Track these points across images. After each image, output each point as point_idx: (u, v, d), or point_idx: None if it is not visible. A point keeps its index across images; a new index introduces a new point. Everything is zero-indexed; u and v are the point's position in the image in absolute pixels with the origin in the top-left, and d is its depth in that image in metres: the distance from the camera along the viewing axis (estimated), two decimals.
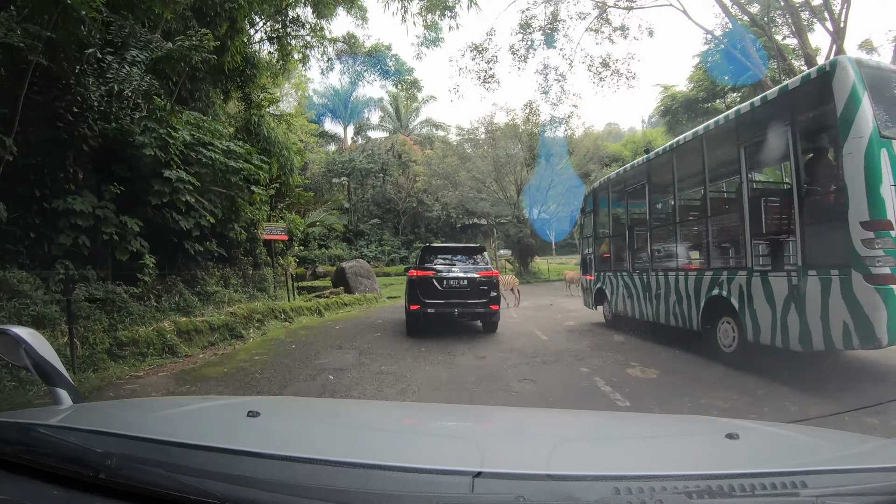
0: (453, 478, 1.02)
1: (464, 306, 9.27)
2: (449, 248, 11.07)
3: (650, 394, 5.48)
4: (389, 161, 40.33)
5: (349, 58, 22.26)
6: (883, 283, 4.74)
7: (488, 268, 9.72)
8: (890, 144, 4.90)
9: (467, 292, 9.32)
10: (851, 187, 4.97)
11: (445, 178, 33.02)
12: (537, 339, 9.13)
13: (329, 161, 42.15)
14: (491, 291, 9.41)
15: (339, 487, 0.99)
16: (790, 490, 0.99)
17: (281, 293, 14.59)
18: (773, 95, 6.15)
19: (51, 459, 1.13)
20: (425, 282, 9.30)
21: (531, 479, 1.02)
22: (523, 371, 6.59)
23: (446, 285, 9.31)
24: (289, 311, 12.93)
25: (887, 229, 4.76)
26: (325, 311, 15.05)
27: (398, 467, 1.07)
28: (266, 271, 13.88)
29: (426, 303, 9.19)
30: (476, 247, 10.83)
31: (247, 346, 9.23)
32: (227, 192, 10.78)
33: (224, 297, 11.26)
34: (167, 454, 1.14)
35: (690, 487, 0.97)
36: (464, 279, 9.37)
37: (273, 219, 14.88)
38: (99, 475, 1.05)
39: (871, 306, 4.80)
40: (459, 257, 9.99)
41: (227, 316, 10.43)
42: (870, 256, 4.81)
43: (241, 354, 8.35)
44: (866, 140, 4.89)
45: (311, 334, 10.31)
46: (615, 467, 1.22)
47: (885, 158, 4.84)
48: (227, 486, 1.01)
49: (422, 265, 9.66)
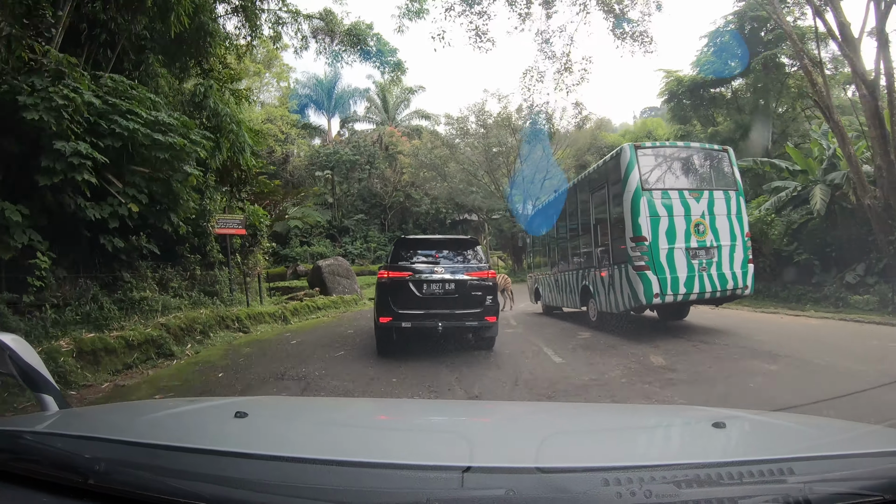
0: (443, 473, 1.04)
1: (450, 318, 7.09)
2: (431, 241, 8.82)
3: None
4: (376, 153, 38.16)
5: (326, 36, 20.17)
6: (641, 270, 8.25)
7: (483, 267, 7.52)
8: (650, 194, 8.43)
9: (455, 300, 7.15)
10: (625, 217, 8.53)
11: (434, 169, 30.88)
12: (549, 362, 7.02)
13: (312, 154, 39.96)
14: (486, 298, 7.22)
15: (329, 486, 0.99)
16: (777, 477, 1.01)
17: (239, 296, 12.42)
18: (600, 164, 10.36)
19: (39, 466, 1.12)
20: (399, 286, 7.13)
21: (521, 473, 1.04)
22: None
23: (427, 290, 7.15)
24: (244, 320, 10.81)
25: (642, 241, 8.27)
26: (292, 318, 12.95)
27: (388, 464, 1.09)
28: (219, 272, 11.70)
29: (400, 314, 7.00)
30: (467, 239, 8.48)
31: (169, 371, 7.13)
32: (157, 174, 8.62)
33: (157, 305, 9.11)
34: (156, 457, 1.14)
35: (679, 477, 0.98)
36: (450, 282, 7.21)
37: (231, 210, 12.68)
38: (88, 481, 1.04)
39: (636, 283, 8.30)
40: (445, 253, 7.74)
41: (156, 329, 8.30)
42: (634, 256, 8.34)
43: (145, 387, 6.24)
44: (632, 191, 8.41)
45: (257, 352, 8.20)
46: (604, 459, 1.26)
47: (644, 202, 8.34)
48: (217, 488, 1.00)
49: (395, 263, 7.43)
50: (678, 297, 8.48)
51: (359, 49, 20.22)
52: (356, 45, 20.10)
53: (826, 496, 0.97)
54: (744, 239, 8.84)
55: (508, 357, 7.35)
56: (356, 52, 20.29)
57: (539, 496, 0.95)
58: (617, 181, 8.84)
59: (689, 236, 8.48)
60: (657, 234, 8.29)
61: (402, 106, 44.88)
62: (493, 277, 7.53)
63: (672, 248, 8.38)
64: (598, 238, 9.92)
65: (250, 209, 13.26)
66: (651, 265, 8.22)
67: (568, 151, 31.45)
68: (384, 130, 40.92)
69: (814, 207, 13.59)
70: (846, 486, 1.01)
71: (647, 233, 8.22)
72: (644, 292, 8.20)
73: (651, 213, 8.31)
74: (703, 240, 8.56)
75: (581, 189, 11.07)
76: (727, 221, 8.75)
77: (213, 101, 10.15)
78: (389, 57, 20.70)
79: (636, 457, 1.32)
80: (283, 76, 42.24)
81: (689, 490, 0.95)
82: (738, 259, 8.73)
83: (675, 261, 8.35)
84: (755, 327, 9.48)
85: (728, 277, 8.61)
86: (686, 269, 8.38)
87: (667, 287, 8.25)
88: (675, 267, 8.33)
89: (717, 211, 8.72)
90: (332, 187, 38.09)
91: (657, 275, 8.21)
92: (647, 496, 0.93)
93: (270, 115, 36.40)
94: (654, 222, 8.30)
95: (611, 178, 9.20)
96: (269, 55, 37.99)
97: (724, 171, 9.30)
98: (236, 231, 11.80)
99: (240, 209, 13.05)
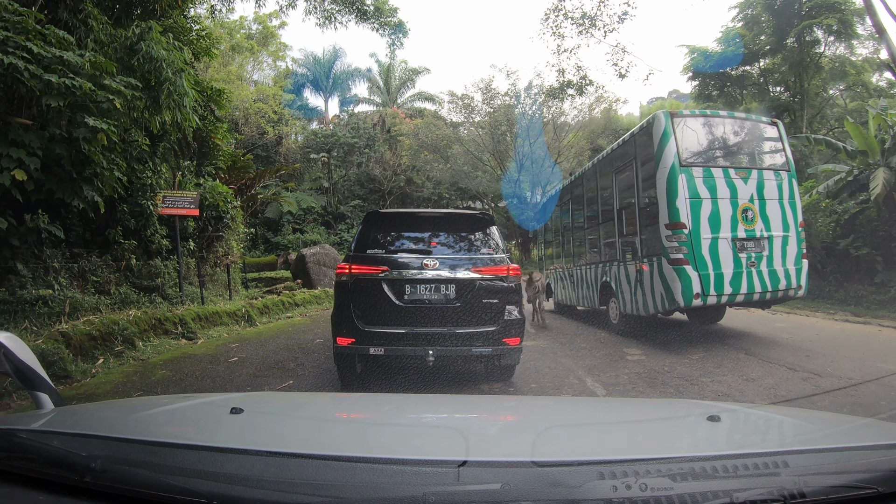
0: (439, 468, 1.02)
1: (448, 341, 4.64)
2: (420, 217, 5.84)
3: None
4: (376, 136, 35.78)
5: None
6: (679, 264, 6.81)
7: (500, 259, 4.93)
8: (689, 171, 6.99)
9: (456, 311, 4.68)
10: (660, 200, 7.08)
11: (436, 150, 28.48)
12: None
13: (308, 135, 37.68)
14: (506, 308, 4.76)
15: (325, 481, 0.99)
16: (772, 470, 1.01)
17: (192, 291, 10.19)
18: (627, 137, 8.52)
19: (35, 464, 1.11)
20: (368, 288, 4.70)
21: (516, 467, 1.04)
22: None
23: (412, 296, 4.71)
24: (190, 322, 8.58)
25: (681, 228, 6.83)
26: (259, 317, 10.73)
27: (384, 459, 1.07)
28: (162, 262, 9.42)
29: (368, 333, 4.59)
30: (475, 215, 5.58)
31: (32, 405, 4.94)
32: (53, 130, 6.37)
33: (61, 306, 6.92)
34: (152, 454, 1.12)
35: (674, 470, 0.98)
36: (449, 283, 4.72)
37: (184, 186, 10.40)
38: (84, 478, 1.03)
39: (672, 281, 6.85)
40: (442, 238, 5.15)
41: (49, 340, 6.13)
42: (670, 247, 6.88)
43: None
44: (668, 168, 6.98)
45: (173, 376, 5.91)
46: (600, 452, 1.26)
47: (683, 181, 6.91)
48: (213, 485, 0.99)
49: (362, 252, 4.92)
50: (722, 299, 7.00)
51: (355, 8, 17.90)
52: (352, 3, 17.82)
53: (820, 489, 0.97)
54: (797, 229, 7.46)
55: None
56: (352, 10, 17.96)
57: (535, 490, 0.94)
58: (649, 158, 7.41)
59: (736, 224, 7.06)
60: (698, 220, 6.89)
61: (406, 86, 42.42)
62: (516, 275, 4.92)
63: (716, 237, 6.96)
64: (622, 226, 8.53)
65: (209, 185, 10.94)
66: (690, 258, 6.81)
67: (580, 135, 29.02)
68: (386, 112, 38.54)
69: (873, 193, 11.31)
70: (840, 478, 1.02)
71: (687, 219, 6.84)
72: (682, 291, 6.76)
73: (691, 195, 6.92)
74: (751, 229, 7.15)
75: (602, 169, 9.64)
76: (779, 207, 7.34)
77: (149, 44, 7.86)
78: (389, 17, 18.22)
79: (631, 450, 1.29)
80: (278, 55, 39.83)
81: (684, 483, 0.94)
82: (791, 253, 7.32)
83: (719, 254, 6.92)
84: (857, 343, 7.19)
85: (780, 275, 7.21)
86: (732, 265, 6.96)
87: (709, 286, 6.82)
88: (718, 261, 6.91)
89: (768, 195, 7.31)
90: (328, 171, 35.79)
91: (698, 270, 6.79)
92: (642, 489, 0.92)
93: (263, 93, 34.09)
94: (694, 206, 6.90)
95: (640, 155, 7.79)
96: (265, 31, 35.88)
97: (775, 147, 7.90)
98: (187, 211, 9.54)
99: (197, 185, 10.75)
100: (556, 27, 14.22)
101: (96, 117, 6.39)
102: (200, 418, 1.64)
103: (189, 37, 11.10)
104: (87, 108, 6.48)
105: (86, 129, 6.39)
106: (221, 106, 11.28)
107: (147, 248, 9.36)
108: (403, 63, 41.72)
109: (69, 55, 6.52)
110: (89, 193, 7.25)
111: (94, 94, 6.42)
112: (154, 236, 9.39)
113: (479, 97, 27.72)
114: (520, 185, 27.67)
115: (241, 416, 1.45)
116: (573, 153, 28.53)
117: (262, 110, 32.23)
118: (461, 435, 1.44)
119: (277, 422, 1.67)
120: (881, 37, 11.29)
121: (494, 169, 28.54)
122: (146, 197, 9.09)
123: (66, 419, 1.49)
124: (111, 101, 6.59)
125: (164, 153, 9.59)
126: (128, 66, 8.05)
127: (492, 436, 1.59)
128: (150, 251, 9.38)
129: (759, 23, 23.82)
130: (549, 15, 14.52)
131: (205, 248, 11.54)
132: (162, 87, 7.95)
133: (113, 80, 6.82)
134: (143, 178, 9.02)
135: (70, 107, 6.30)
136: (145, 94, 7.82)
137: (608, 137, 29.83)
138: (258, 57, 37.25)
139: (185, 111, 7.81)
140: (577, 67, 14.93)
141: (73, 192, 7.11)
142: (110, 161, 7.44)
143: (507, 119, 26.63)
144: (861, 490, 0.98)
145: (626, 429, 1.65)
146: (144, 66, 7.89)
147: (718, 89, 26.47)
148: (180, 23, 11.03)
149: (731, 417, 1.62)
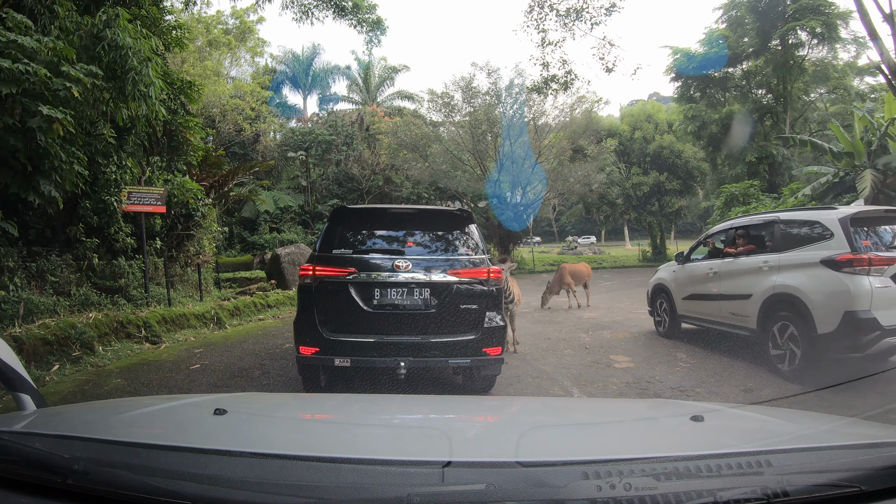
0: (423, 469, 1.03)
1: (422, 351, 4.36)
2: (392, 214, 5.34)
3: None
4: (354, 133, 35.31)
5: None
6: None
7: (479, 261, 4.63)
8: None
9: (429, 317, 4.38)
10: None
11: (415, 149, 28.18)
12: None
13: (286, 133, 37.02)
14: (486, 314, 4.47)
15: (309, 483, 0.98)
16: (755, 469, 1.01)
17: (159, 292, 9.73)
18: None
19: (17, 467, 1.08)
20: (333, 292, 4.41)
21: (501, 467, 1.03)
22: None
23: (382, 300, 4.39)
24: (155, 325, 8.16)
25: None
26: (230, 320, 10.31)
27: (368, 460, 1.06)
28: (126, 262, 8.96)
29: (333, 342, 4.28)
30: (452, 212, 5.24)
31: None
32: (5, 120, 5.93)
33: (15, 309, 6.47)
34: (135, 456, 1.11)
35: (658, 470, 0.98)
36: (422, 286, 4.39)
37: (153, 183, 9.92)
38: (67, 480, 1.02)
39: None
40: (417, 237, 4.79)
41: None
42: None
43: None
44: None
45: (127, 386, 5.56)
46: (584, 452, 1.27)
47: None
48: (197, 486, 0.98)
49: (328, 253, 4.58)
50: None
51: (333, 3, 17.54)
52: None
53: (803, 487, 0.97)
54: None
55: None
56: (329, 5, 17.58)
57: (520, 490, 0.94)
58: None
59: None
60: None
61: (386, 84, 42.06)
62: (496, 278, 4.63)
63: None
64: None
65: (178, 181, 10.47)
66: None
67: (560, 135, 28.93)
68: (365, 111, 38.08)
69: (862, 195, 11.39)
70: (823, 477, 1.02)
71: None
72: None
73: None
74: None
75: None
76: None
77: (115, 31, 7.44)
78: (368, 14, 17.85)
79: (616, 450, 1.29)
80: (256, 51, 39.02)
81: (668, 483, 0.94)
82: None
83: None
84: None
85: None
86: None
87: None
88: None
89: None
90: (306, 170, 35.20)
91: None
92: (626, 489, 0.91)
93: (240, 90, 33.35)
94: None
95: None
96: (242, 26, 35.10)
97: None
98: (154, 208, 9.08)
99: (166, 181, 10.28)
100: (541, 20, 13.78)
101: (51, 106, 5.97)
102: (184, 419, 1.63)
103: (161, 27, 10.62)
104: (43, 96, 6.05)
105: (40, 119, 5.96)
106: (193, 99, 10.80)
107: (111, 246, 8.89)
108: (383, 60, 41.43)
109: (25, 39, 6.10)
110: (46, 188, 6.78)
111: (51, 82, 6.00)
112: (118, 234, 8.92)
113: (460, 96, 27.47)
114: (500, 184, 27.48)
115: (225, 417, 1.45)
116: (554, 153, 28.40)
117: (240, 107, 31.54)
118: (445, 435, 1.44)
119: (261, 423, 1.65)
120: (875, 41, 11.32)
121: (474, 168, 28.35)
122: (110, 193, 8.62)
123: (48, 421, 1.49)
124: (68, 88, 6.16)
125: (132, 148, 9.12)
126: (92, 55, 7.61)
127: (476, 436, 1.58)
128: (114, 250, 8.91)
129: (742, 24, 24.03)
130: (533, 7, 14.10)
131: (174, 247, 11.07)
132: (127, 77, 7.52)
133: (72, 68, 6.39)
134: (108, 172, 8.56)
135: (24, 94, 5.87)
136: (111, 85, 7.38)
137: (589, 138, 29.87)
138: (236, 53, 36.46)
139: (152, 102, 7.39)
140: (562, 61, 14.48)
141: (28, 186, 6.65)
142: (70, 154, 6.98)
143: (488, 118, 26.43)
144: (844, 489, 0.99)
145: (609, 429, 1.64)
146: (110, 55, 7.45)
147: (701, 91, 26.71)
148: (153, 13, 10.55)
149: (714, 417, 1.62)
